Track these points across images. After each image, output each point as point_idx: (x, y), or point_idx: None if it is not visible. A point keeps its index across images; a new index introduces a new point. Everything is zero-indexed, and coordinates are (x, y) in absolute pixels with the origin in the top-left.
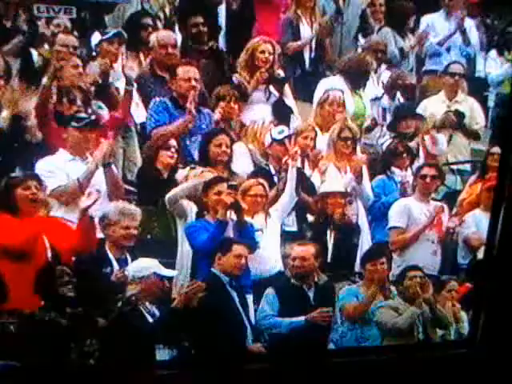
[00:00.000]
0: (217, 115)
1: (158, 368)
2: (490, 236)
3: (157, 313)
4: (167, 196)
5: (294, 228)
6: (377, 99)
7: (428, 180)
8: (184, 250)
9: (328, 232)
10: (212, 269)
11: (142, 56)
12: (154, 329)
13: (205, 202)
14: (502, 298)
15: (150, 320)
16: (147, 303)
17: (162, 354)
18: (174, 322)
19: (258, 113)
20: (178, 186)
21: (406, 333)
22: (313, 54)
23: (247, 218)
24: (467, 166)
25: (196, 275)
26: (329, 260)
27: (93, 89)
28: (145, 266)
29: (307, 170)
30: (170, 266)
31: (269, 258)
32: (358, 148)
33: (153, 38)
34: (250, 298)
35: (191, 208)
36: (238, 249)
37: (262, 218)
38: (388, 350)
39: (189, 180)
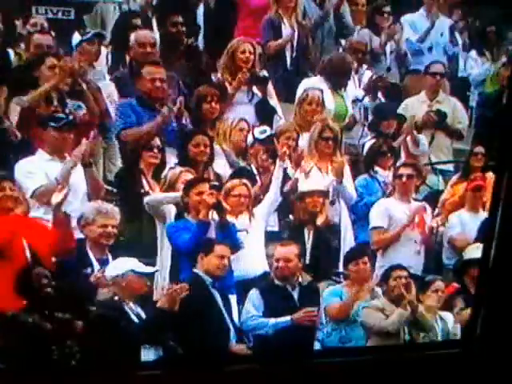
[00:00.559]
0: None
1: (143, 368)
2: (487, 238)
3: (141, 313)
4: (146, 200)
5: (276, 228)
6: (358, 99)
7: (404, 179)
8: (164, 250)
9: (308, 232)
10: (194, 269)
11: (127, 56)
12: (139, 329)
13: (186, 202)
14: (492, 298)
15: (135, 320)
16: (131, 303)
17: (147, 355)
18: (158, 323)
19: (241, 113)
20: (159, 193)
21: (393, 334)
22: (294, 54)
23: (231, 219)
24: (450, 166)
25: (177, 275)
26: (310, 261)
27: (71, 89)
28: (121, 264)
29: (290, 171)
30: (151, 265)
31: (253, 258)
32: (340, 148)
33: (132, 36)
34: (233, 298)
35: (170, 211)
36: (220, 249)
37: (245, 218)
38: (373, 351)
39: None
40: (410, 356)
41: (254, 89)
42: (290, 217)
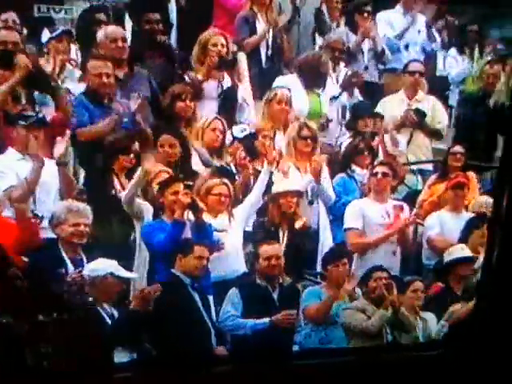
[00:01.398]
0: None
1: (116, 370)
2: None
3: (115, 314)
4: (123, 197)
5: (250, 228)
6: (335, 98)
7: (379, 177)
8: (142, 251)
9: (283, 233)
10: (173, 270)
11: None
12: (112, 330)
13: (161, 201)
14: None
15: (109, 321)
16: (105, 305)
17: (121, 356)
18: (132, 324)
19: (211, 108)
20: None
21: (375, 335)
22: (269, 52)
23: (210, 218)
24: (429, 166)
25: (155, 276)
26: (288, 261)
27: (38, 86)
28: (101, 266)
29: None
30: (128, 267)
31: (233, 258)
32: (318, 147)
33: (101, 32)
34: (212, 299)
35: (147, 209)
36: (199, 250)
37: (225, 218)
38: (353, 352)
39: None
40: (391, 357)
41: (224, 81)
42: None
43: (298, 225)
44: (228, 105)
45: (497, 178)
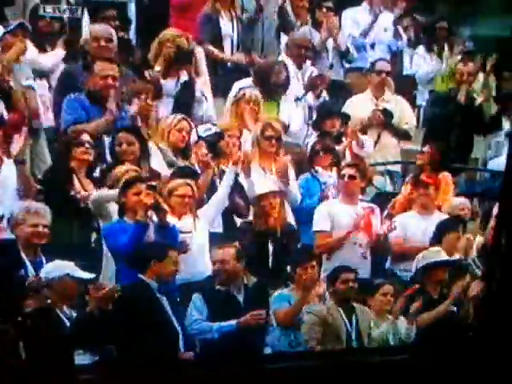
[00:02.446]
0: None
1: (77, 372)
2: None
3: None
4: (92, 197)
5: (220, 229)
6: (299, 99)
7: (346, 180)
8: (107, 253)
9: (269, 236)
10: (140, 275)
11: (49, 49)
12: (73, 332)
13: (123, 202)
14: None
15: (68, 324)
16: (65, 307)
17: (82, 359)
18: (94, 326)
19: (170, 108)
20: (104, 190)
21: (337, 338)
22: (234, 50)
23: (174, 220)
24: (397, 167)
25: (120, 279)
26: (254, 263)
27: None
28: (58, 267)
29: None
30: (92, 268)
31: (198, 261)
32: (283, 148)
33: (86, 30)
34: (179, 303)
35: (115, 211)
36: (173, 254)
37: (189, 219)
38: (323, 355)
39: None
40: (361, 361)
41: (182, 77)
42: (237, 219)
43: (280, 225)
44: (185, 100)
45: (503, 182)
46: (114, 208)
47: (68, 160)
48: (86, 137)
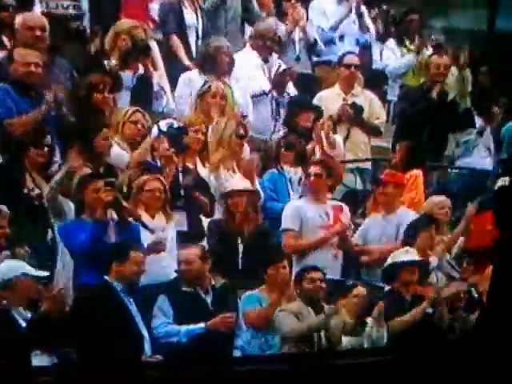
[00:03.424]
0: None
1: (34, 374)
2: None
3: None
4: (45, 194)
5: (185, 228)
6: (265, 94)
7: (312, 178)
8: (64, 253)
9: (239, 235)
10: (101, 275)
11: (5, 39)
12: (29, 334)
13: (80, 199)
14: None
15: (24, 325)
16: (20, 308)
17: (39, 361)
18: (48, 328)
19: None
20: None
21: (307, 339)
22: (199, 42)
23: (147, 218)
24: (367, 165)
25: (81, 279)
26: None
27: None
28: (11, 268)
29: (200, 168)
30: (47, 267)
31: (165, 261)
32: (247, 144)
33: (18, 19)
34: (144, 304)
35: (70, 208)
36: (135, 256)
37: (161, 217)
38: (293, 358)
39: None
40: (334, 363)
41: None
42: (203, 218)
43: (251, 225)
44: (143, 93)
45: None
46: (68, 206)
47: (21, 158)
48: (47, 139)
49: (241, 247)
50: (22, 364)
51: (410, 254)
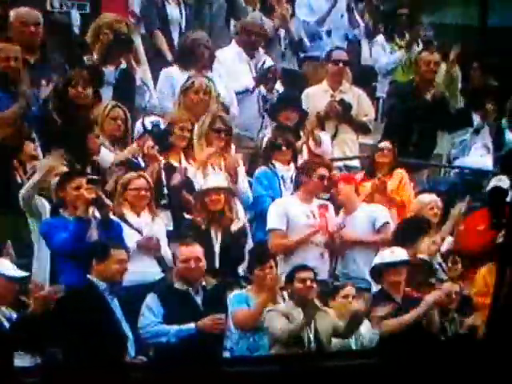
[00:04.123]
0: None
1: (16, 375)
2: None
3: (14, 318)
4: (21, 193)
5: (170, 227)
6: (250, 91)
7: (315, 180)
8: (43, 251)
9: (216, 233)
10: (88, 275)
11: None
12: (12, 334)
13: (62, 197)
14: None
15: (7, 325)
16: (3, 308)
17: (22, 361)
18: (33, 328)
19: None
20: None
21: (296, 341)
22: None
23: (131, 216)
24: (355, 162)
25: (59, 278)
26: (219, 263)
27: None
28: None
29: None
30: (26, 267)
31: (152, 260)
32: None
33: (13, 14)
34: (130, 303)
35: (44, 206)
36: (117, 254)
37: (147, 215)
38: (282, 360)
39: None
40: (322, 365)
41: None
42: (187, 216)
43: (227, 223)
44: (126, 89)
45: None
46: (42, 204)
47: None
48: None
49: (217, 247)
50: (4, 364)
51: (394, 255)
